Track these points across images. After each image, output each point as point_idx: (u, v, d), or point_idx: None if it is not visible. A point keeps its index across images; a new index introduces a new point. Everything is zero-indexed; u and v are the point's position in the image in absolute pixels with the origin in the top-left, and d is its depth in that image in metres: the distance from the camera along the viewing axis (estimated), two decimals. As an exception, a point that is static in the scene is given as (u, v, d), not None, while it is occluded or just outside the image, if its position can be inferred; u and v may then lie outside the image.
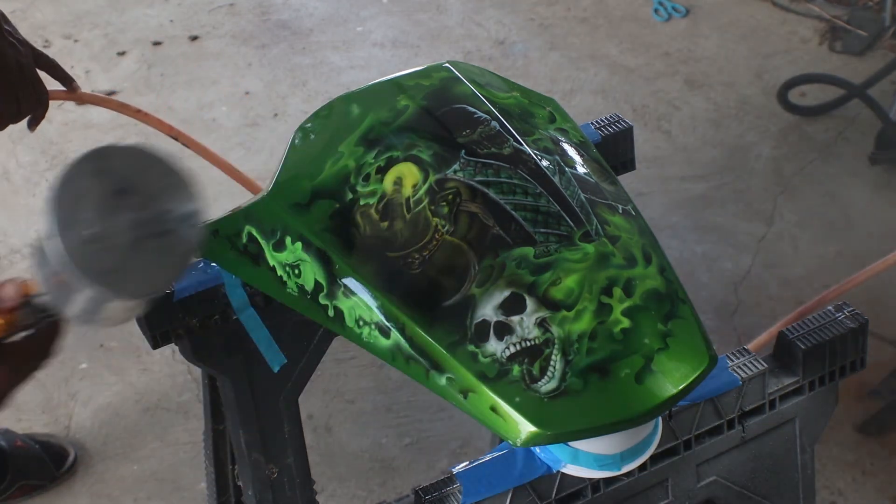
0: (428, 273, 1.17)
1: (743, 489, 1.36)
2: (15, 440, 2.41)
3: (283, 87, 3.57)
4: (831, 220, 2.90)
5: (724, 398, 1.30)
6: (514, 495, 1.22)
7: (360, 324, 1.20)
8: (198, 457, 2.32)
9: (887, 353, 2.52)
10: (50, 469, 2.40)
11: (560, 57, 3.61)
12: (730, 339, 2.57)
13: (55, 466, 2.40)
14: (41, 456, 2.40)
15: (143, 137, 3.39)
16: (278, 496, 1.66)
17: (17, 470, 2.37)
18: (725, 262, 2.80)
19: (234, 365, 1.53)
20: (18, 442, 2.40)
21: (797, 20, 3.67)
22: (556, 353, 1.11)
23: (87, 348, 2.68)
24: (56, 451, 2.42)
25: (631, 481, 1.27)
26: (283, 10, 3.96)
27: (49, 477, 2.39)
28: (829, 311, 1.38)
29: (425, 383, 1.16)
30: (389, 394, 2.53)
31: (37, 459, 2.40)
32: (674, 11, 3.76)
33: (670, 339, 1.13)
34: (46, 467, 2.40)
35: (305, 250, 1.24)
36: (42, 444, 2.42)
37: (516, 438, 1.10)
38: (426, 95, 1.31)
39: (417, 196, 1.21)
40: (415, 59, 3.65)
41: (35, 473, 2.39)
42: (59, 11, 3.96)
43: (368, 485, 2.35)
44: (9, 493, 2.37)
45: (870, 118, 3.15)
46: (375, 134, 1.28)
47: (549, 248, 1.16)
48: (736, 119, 3.28)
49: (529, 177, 1.22)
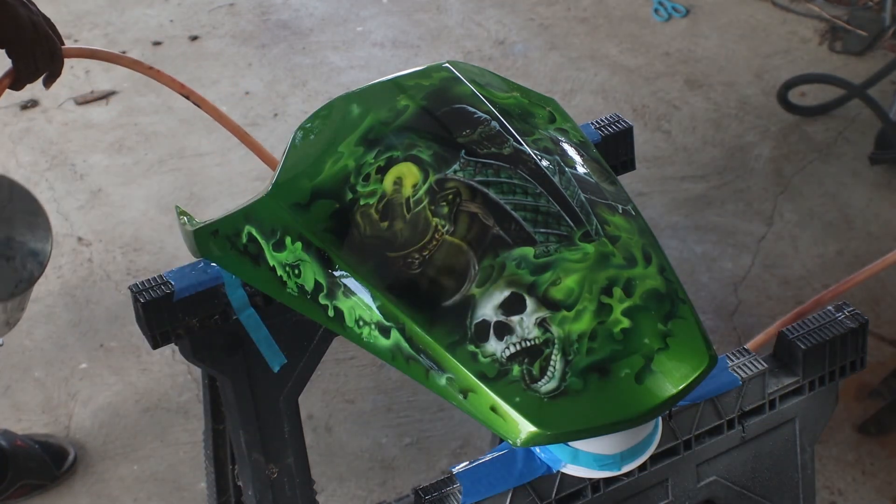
0: (428, 273, 1.17)
1: (743, 489, 1.36)
2: (15, 440, 2.41)
3: (283, 87, 3.57)
4: (831, 220, 2.90)
5: (724, 398, 1.30)
6: (514, 495, 1.22)
7: (360, 324, 1.20)
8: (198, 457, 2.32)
9: (887, 353, 2.52)
10: (50, 469, 2.40)
11: (560, 57, 3.61)
12: (730, 339, 2.57)
13: (55, 466, 2.40)
14: (41, 456, 2.41)
15: (143, 137, 3.40)
16: (278, 496, 1.66)
17: (18, 469, 2.37)
18: (725, 262, 2.80)
19: (234, 365, 1.53)
20: (18, 441, 2.40)
21: (797, 20, 3.67)
22: (556, 353, 1.11)
23: (87, 348, 2.68)
24: (56, 450, 2.42)
25: (631, 481, 1.27)
26: (283, 10, 3.97)
27: (49, 477, 2.40)
28: (829, 311, 1.38)
29: (425, 383, 1.16)
30: (389, 394, 2.53)
31: (37, 459, 2.40)
32: (674, 11, 3.76)
33: (670, 339, 1.13)
34: (46, 467, 2.40)
35: (305, 250, 1.24)
36: (42, 444, 2.42)
37: (516, 438, 1.10)
38: (426, 95, 1.31)
39: (417, 196, 1.21)
40: (415, 59, 3.65)
41: (35, 473, 2.39)
42: (60, 11, 3.96)
43: (368, 485, 2.35)
44: (9, 493, 2.37)
45: (870, 118, 3.15)
46: (375, 134, 1.28)
47: (549, 248, 1.16)
48: (736, 119, 3.28)
49: (529, 177, 1.22)
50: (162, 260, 2.92)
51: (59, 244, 2.99)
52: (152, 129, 3.44)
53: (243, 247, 1.32)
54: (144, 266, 2.91)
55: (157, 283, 1.46)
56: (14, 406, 2.55)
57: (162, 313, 1.45)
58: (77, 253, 2.97)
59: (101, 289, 2.85)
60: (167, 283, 1.46)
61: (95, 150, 3.36)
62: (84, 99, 3.54)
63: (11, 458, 2.36)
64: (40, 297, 2.81)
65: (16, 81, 1.69)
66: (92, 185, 3.21)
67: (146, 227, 3.05)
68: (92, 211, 3.11)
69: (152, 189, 3.19)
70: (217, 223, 1.36)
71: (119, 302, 2.80)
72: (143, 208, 3.13)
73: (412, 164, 1.23)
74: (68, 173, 3.25)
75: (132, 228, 3.05)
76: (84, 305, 2.80)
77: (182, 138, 3.39)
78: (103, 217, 3.09)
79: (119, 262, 2.92)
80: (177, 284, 1.45)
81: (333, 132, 1.31)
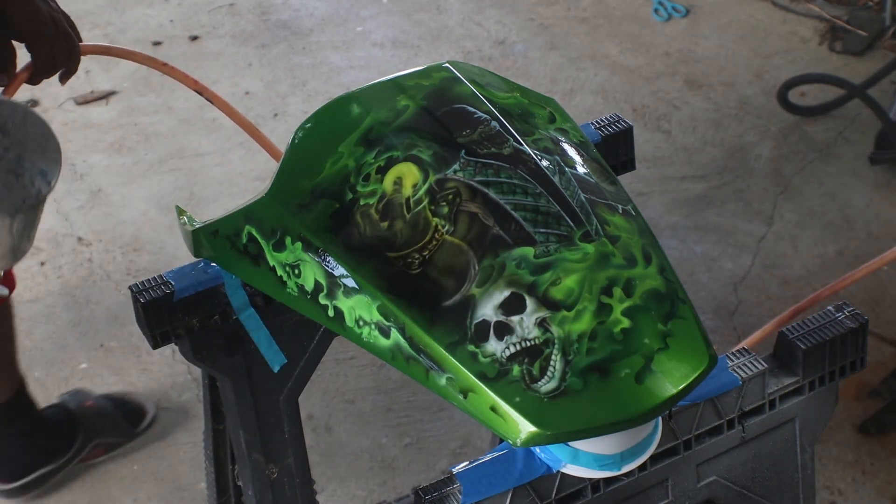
0: (428, 273, 1.17)
1: (743, 489, 1.36)
2: (85, 400, 2.43)
3: (283, 87, 3.57)
4: (831, 220, 2.90)
5: (724, 398, 1.30)
6: (514, 495, 1.22)
7: (360, 324, 1.20)
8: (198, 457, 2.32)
9: (887, 353, 2.52)
10: (124, 427, 2.41)
11: (560, 57, 3.61)
12: (730, 339, 2.57)
13: (132, 425, 2.41)
14: (114, 414, 2.42)
15: (143, 137, 3.40)
16: (278, 496, 1.66)
17: (88, 430, 2.38)
18: (725, 262, 2.80)
19: (234, 365, 1.53)
20: (89, 402, 2.42)
21: (797, 20, 3.67)
22: (556, 353, 1.11)
23: (87, 348, 2.68)
24: (133, 408, 2.42)
25: (631, 481, 1.27)
26: (283, 10, 3.97)
27: (125, 434, 2.41)
28: (829, 310, 1.38)
29: (425, 383, 1.16)
30: (389, 394, 2.53)
31: (109, 418, 2.41)
32: (674, 11, 3.76)
33: (670, 339, 1.13)
34: (121, 425, 2.41)
35: (305, 250, 1.24)
36: (116, 403, 2.44)
37: (516, 438, 1.10)
38: (426, 95, 1.31)
39: (417, 196, 1.21)
40: (415, 59, 3.66)
41: (108, 431, 2.40)
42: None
43: (368, 485, 2.35)
44: (84, 454, 2.38)
45: (870, 118, 3.15)
46: (375, 134, 1.28)
47: (549, 248, 1.16)
48: (736, 119, 3.28)
49: (529, 177, 1.22)
50: (162, 260, 2.92)
51: (58, 244, 2.99)
52: (152, 129, 3.44)
53: (243, 247, 1.32)
54: (144, 266, 2.92)
55: (157, 283, 1.46)
56: (14, 406, 2.55)
57: (162, 313, 1.45)
58: (77, 253, 2.97)
59: (101, 289, 2.85)
60: (167, 283, 1.46)
61: (95, 150, 3.36)
62: (84, 99, 3.54)
63: (81, 419, 2.38)
64: (40, 297, 2.82)
65: (33, 75, 1.72)
66: (92, 185, 3.21)
67: (146, 227, 3.05)
68: (92, 211, 3.12)
69: (152, 189, 3.20)
70: (217, 223, 1.36)
71: (119, 302, 2.80)
72: (143, 208, 3.13)
73: (412, 164, 1.23)
74: (68, 173, 3.25)
75: (132, 228, 3.05)
76: (84, 305, 2.80)
77: (182, 138, 3.39)
78: (103, 217, 3.09)
79: (119, 262, 2.92)
80: (177, 284, 1.45)
81: (333, 132, 1.31)
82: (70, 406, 2.40)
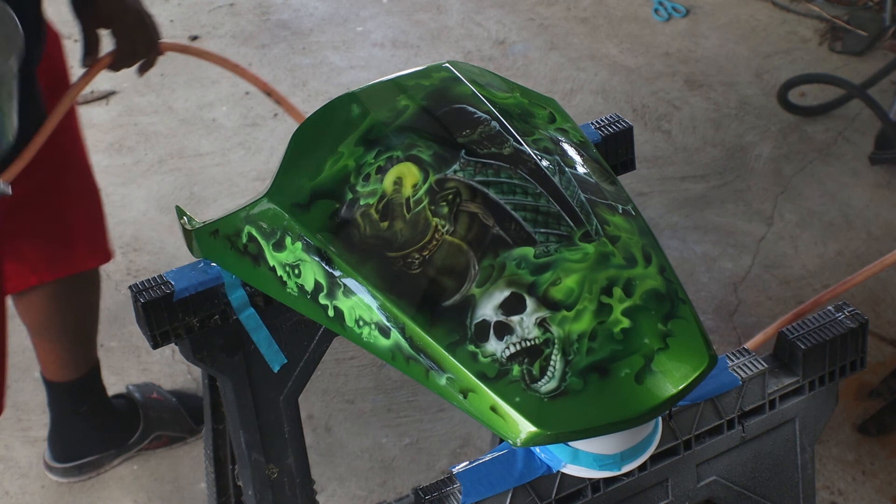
0: (428, 273, 1.17)
1: (743, 489, 1.36)
2: (151, 392, 2.48)
3: (283, 87, 3.57)
4: (831, 220, 2.90)
5: (724, 398, 1.30)
6: (514, 495, 1.22)
7: (360, 324, 1.20)
8: (198, 457, 2.32)
9: (887, 353, 2.52)
10: (187, 421, 2.45)
11: (560, 57, 3.61)
12: (730, 339, 2.57)
13: (195, 420, 2.44)
14: (177, 408, 2.46)
15: (143, 137, 3.40)
16: (278, 496, 1.66)
17: (150, 421, 2.42)
18: (725, 262, 2.80)
19: (234, 365, 1.53)
20: (154, 395, 2.47)
21: (797, 20, 3.68)
22: (556, 353, 1.11)
23: (87, 348, 2.68)
24: (197, 404, 2.44)
25: (631, 481, 1.27)
26: (283, 10, 3.97)
27: (187, 429, 2.45)
28: (829, 311, 1.38)
29: (425, 383, 1.16)
30: (389, 394, 2.54)
31: (171, 411, 2.45)
32: (674, 11, 3.76)
33: (670, 339, 1.13)
34: (183, 419, 2.45)
35: (305, 250, 1.24)
36: (181, 398, 2.48)
37: (516, 438, 1.10)
38: (426, 95, 1.31)
39: (417, 196, 1.21)
40: (415, 59, 3.66)
41: (170, 425, 2.44)
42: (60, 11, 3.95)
43: (368, 485, 2.35)
44: (144, 444, 2.42)
45: (870, 118, 3.15)
46: (375, 134, 1.28)
47: (549, 248, 1.16)
48: (736, 119, 3.28)
49: (529, 177, 1.22)
50: (162, 260, 2.92)
51: (59, 244, 2.99)
52: (152, 129, 3.44)
53: (243, 247, 1.32)
54: (144, 266, 2.92)
55: (157, 283, 1.46)
56: (14, 406, 2.55)
57: (162, 313, 1.45)
58: (77, 253, 2.97)
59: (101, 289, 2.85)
60: (167, 283, 1.46)
61: (95, 150, 3.35)
62: (84, 99, 3.53)
63: (144, 410, 2.42)
64: (40, 297, 2.82)
65: (115, 62, 1.76)
66: (92, 185, 3.21)
67: (146, 227, 3.05)
68: (92, 211, 3.11)
69: (152, 189, 3.20)
70: (217, 223, 1.36)
71: (119, 302, 2.80)
72: (143, 208, 3.13)
73: (412, 164, 1.23)
74: (68, 173, 3.24)
75: (132, 228, 3.05)
76: (84, 305, 2.80)
77: (182, 138, 3.39)
78: (103, 217, 3.09)
79: (119, 262, 2.92)
80: (177, 284, 1.45)
81: (333, 132, 1.31)
82: (135, 396, 2.45)
